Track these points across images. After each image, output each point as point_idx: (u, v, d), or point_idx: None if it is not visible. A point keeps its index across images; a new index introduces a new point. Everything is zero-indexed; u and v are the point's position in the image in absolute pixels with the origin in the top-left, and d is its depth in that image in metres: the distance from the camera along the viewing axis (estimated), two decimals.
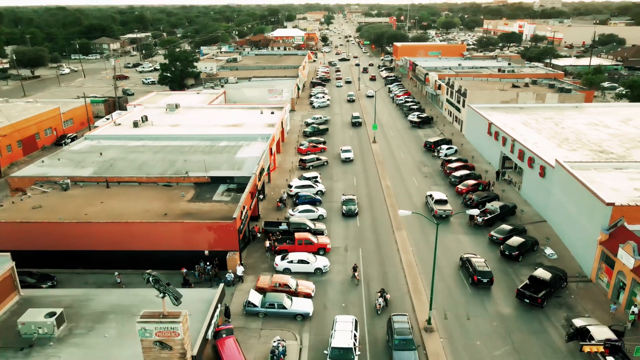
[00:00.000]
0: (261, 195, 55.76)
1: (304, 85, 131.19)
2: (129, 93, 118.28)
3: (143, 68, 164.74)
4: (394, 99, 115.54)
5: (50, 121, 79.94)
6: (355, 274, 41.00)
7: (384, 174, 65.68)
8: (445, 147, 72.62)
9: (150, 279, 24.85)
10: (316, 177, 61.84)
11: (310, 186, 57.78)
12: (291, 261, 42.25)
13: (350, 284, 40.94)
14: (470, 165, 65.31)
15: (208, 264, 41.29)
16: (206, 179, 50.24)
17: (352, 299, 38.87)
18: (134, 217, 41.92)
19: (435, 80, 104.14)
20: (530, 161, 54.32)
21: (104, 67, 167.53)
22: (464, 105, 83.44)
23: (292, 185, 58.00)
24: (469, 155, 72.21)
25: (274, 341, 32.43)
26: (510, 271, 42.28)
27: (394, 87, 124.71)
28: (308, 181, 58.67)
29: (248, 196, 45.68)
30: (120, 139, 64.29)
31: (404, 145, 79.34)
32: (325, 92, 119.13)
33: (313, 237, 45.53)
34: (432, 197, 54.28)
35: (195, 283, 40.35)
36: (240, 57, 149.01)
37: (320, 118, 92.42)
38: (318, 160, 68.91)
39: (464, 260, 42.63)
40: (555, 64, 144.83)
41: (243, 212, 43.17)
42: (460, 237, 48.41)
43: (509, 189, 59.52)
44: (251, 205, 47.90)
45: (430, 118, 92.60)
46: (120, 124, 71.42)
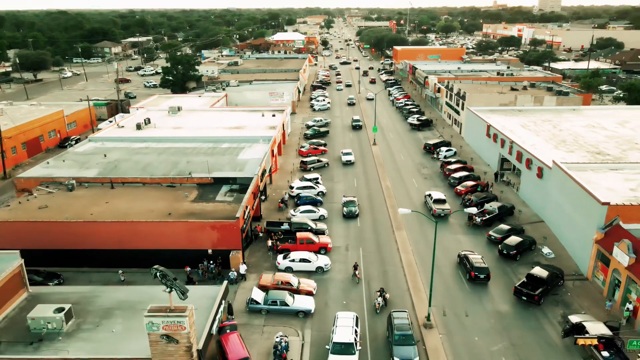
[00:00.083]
0: (263, 196, 56.55)
1: (305, 88, 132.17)
2: (131, 96, 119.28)
3: (145, 71, 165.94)
4: (393, 102, 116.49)
5: (54, 124, 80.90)
6: (356, 273, 41.72)
7: (384, 176, 66.49)
8: (444, 149, 73.47)
9: (158, 274, 25.68)
10: (317, 179, 62.65)
11: (312, 187, 58.56)
12: (293, 260, 42.96)
13: (351, 282, 41.67)
14: (469, 167, 66.14)
15: (211, 262, 42.06)
16: (209, 179, 51.06)
17: (353, 297, 39.59)
18: (138, 217, 42.67)
19: (435, 84, 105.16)
20: (528, 162, 55.14)
21: (105, 71, 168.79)
22: (463, 108, 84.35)
23: (294, 186, 58.77)
24: (468, 157, 73.07)
25: (277, 337, 33.15)
26: (508, 270, 43.04)
27: (393, 90, 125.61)
28: (309, 182, 59.48)
29: (250, 196, 46.49)
30: (123, 140, 65.16)
31: (404, 148, 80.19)
32: (326, 95, 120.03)
33: (314, 237, 46.27)
34: (431, 197, 55.22)
35: (199, 281, 41.04)
36: (241, 61, 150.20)
37: (321, 121, 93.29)
38: (319, 162, 69.72)
39: (462, 257, 43.49)
40: (553, 68, 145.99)
41: (246, 212, 43.96)
42: (460, 237, 49.18)
43: (507, 190, 60.34)
44: (253, 205, 48.70)
45: (429, 121, 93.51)
46: (124, 126, 72.31)
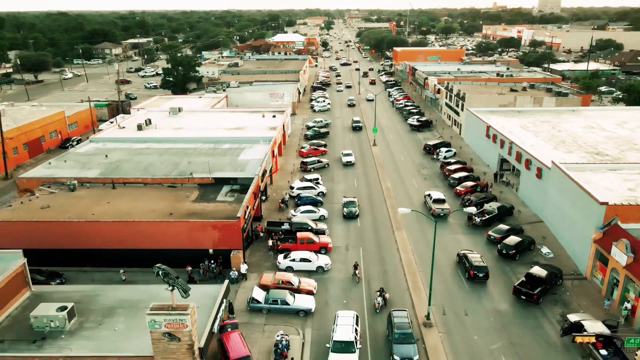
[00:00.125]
0: (263, 197, 56.83)
1: (305, 89, 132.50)
2: (132, 97, 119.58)
3: (145, 73, 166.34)
4: (393, 103, 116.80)
5: (56, 124, 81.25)
6: (356, 272, 41.98)
7: (384, 176, 66.77)
8: (444, 150, 73.77)
9: (160, 272, 25.93)
10: (317, 179, 62.93)
11: (312, 187, 58.84)
12: (293, 259, 43.23)
13: (351, 281, 41.93)
14: (468, 168, 66.43)
15: (212, 262, 42.33)
16: (210, 180, 51.33)
17: (353, 296, 39.85)
18: (140, 217, 42.92)
19: (435, 85, 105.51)
20: (528, 163, 55.42)
21: (106, 72, 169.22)
22: (462, 109, 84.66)
23: (294, 186, 59.06)
24: (467, 157, 73.37)
25: (278, 335, 33.40)
26: (508, 269, 43.31)
27: (393, 92, 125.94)
28: (309, 183, 59.76)
29: (251, 197, 46.76)
30: (125, 141, 65.44)
31: (404, 148, 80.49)
32: (326, 97, 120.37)
33: (315, 237, 46.54)
34: (431, 197, 55.56)
35: (200, 281, 41.28)
36: (241, 62, 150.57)
37: (321, 122, 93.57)
38: (319, 162, 70.01)
39: (461, 256, 43.83)
40: (553, 69, 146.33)
41: (246, 212, 44.23)
42: (459, 237, 49.45)
43: (506, 190, 60.62)
44: (254, 205, 48.97)
45: (429, 121, 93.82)
46: (125, 127, 72.59)
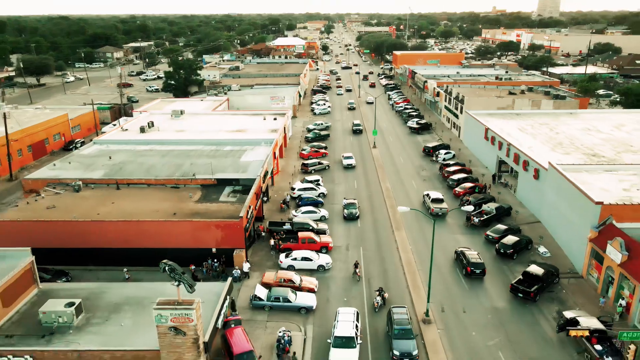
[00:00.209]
0: (265, 198, 57.66)
1: (305, 92, 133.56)
2: (134, 100, 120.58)
3: (146, 76, 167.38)
4: (393, 106, 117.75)
5: (59, 127, 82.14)
6: (357, 271, 42.75)
7: (384, 178, 67.61)
8: (443, 152, 74.63)
9: (167, 267, 26.75)
10: (318, 181, 63.76)
11: (313, 189, 59.66)
12: (295, 258, 44.02)
13: (352, 280, 42.70)
14: (467, 169, 67.28)
15: (215, 260, 43.11)
16: (212, 181, 52.17)
17: (354, 294, 40.62)
18: (144, 217, 43.73)
19: (434, 88, 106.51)
20: (525, 164, 56.27)
21: (108, 75, 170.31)
22: (461, 111, 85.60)
23: (295, 187, 59.88)
24: (466, 159, 74.25)
25: (280, 331, 34.17)
26: (505, 268, 44.08)
27: (393, 95, 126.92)
28: (310, 184, 60.59)
29: (253, 197, 47.58)
30: (128, 143, 66.34)
31: (404, 151, 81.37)
32: (326, 100, 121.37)
33: (316, 236, 47.34)
34: (429, 196, 56.48)
35: (203, 279, 42.04)
36: (242, 66, 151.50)
37: (322, 124, 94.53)
38: (320, 164, 70.87)
39: (458, 253, 44.76)
40: (552, 72, 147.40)
41: (249, 212, 45.04)
42: (458, 237, 50.23)
43: (504, 191, 61.45)
44: (256, 206, 49.79)
45: (429, 124, 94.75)
46: (128, 129, 73.49)
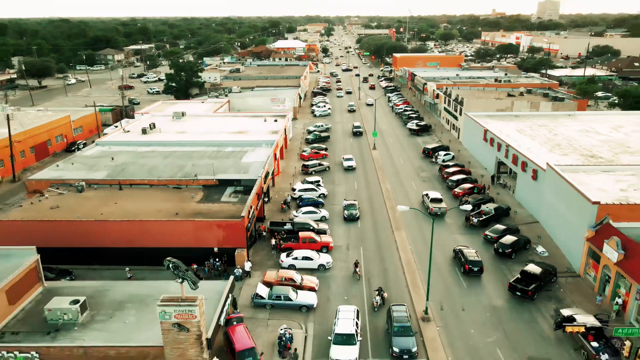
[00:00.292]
0: (266, 198, 58.20)
1: (306, 94, 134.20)
2: (135, 102, 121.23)
3: (147, 78, 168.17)
4: (393, 108, 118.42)
5: (61, 128, 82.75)
6: (357, 270, 43.27)
7: (384, 179, 68.17)
8: (442, 153, 75.19)
9: (171, 265, 27.32)
10: (318, 181, 64.31)
11: (313, 189, 60.21)
12: (296, 258, 44.56)
13: (352, 279, 43.23)
14: (466, 170, 67.86)
15: (217, 260, 43.65)
16: (214, 181, 52.74)
17: (354, 293, 41.14)
18: (147, 217, 44.27)
19: (434, 90, 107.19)
20: (524, 165, 56.85)
21: (109, 78, 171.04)
22: (461, 113, 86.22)
23: (296, 188, 60.43)
24: (465, 160, 74.84)
25: (281, 329, 34.67)
26: (504, 267, 44.61)
27: (393, 97, 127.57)
28: (311, 185, 61.15)
29: (255, 197, 48.13)
30: (130, 145, 66.93)
31: (403, 152, 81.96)
32: (326, 102, 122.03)
33: (316, 236, 47.88)
34: (428, 196, 57.10)
35: (205, 278, 42.38)
36: (243, 68, 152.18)
37: (322, 126, 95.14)
38: (320, 165, 71.44)
39: (457, 251, 45.38)
40: (551, 75, 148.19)
41: (250, 212, 45.59)
42: (457, 237, 50.75)
43: (503, 192, 62.01)
44: (257, 206, 50.34)
45: (428, 126, 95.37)
46: (129, 131, 74.10)
